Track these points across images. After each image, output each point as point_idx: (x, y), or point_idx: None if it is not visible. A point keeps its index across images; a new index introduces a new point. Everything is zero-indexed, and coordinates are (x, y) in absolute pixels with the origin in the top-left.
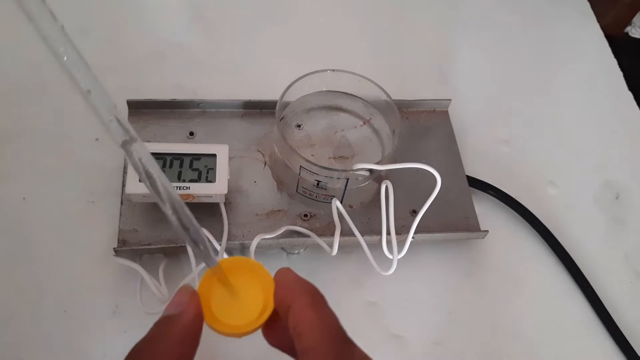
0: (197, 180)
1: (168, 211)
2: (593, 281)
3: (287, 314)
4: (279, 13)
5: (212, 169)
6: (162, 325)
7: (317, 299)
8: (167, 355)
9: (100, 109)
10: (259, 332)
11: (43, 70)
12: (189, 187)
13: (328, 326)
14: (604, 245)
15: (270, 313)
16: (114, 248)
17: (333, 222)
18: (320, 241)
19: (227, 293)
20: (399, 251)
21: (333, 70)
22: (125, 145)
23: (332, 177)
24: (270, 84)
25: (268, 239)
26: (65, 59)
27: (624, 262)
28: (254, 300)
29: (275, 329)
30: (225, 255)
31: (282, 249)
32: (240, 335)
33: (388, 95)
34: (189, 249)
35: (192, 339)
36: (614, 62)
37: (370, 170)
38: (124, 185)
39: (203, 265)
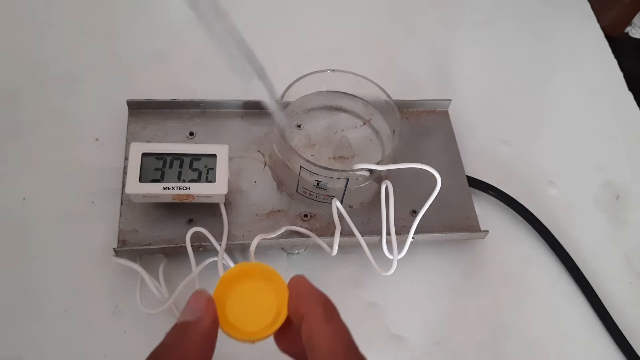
0: (197, 180)
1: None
2: (593, 281)
3: (300, 324)
4: (279, 13)
5: (212, 169)
6: (180, 332)
7: (330, 311)
8: None
9: None
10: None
11: (43, 70)
12: (189, 187)
13: (342, 341)
14: (604, 245)
15: (284, 320)
16: (114, 248)
17: (333, 222)
18: (320, 241)
19: (242, 299)
20: (399, 251)
21: (333, 70)
22: None
23: (332, 178)
24: None
25: (268, 239)
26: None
27: (624, 262)
28: (267, 306)
29: (287, 335)
30: (225, 256)
31: (282, 249)
32: (254, 341)
33: (388, 95)
34: (190, 251)
35: (209, 345)
36: (614, 62)
37: (370, 171)
38: (124, 185)
39: (203, 265)
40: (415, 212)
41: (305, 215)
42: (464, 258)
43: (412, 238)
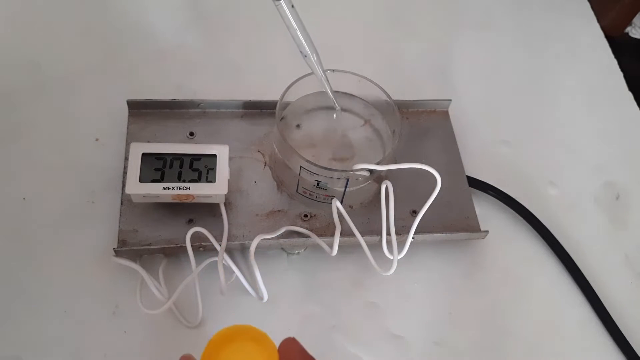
0: (197, 180)
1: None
2: (593, 281)
3: None
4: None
5: (212, 169)
6: None
7: None
8: None
9: None
10: None
11: (43, 70)
12: (189, 188)
13: None
14: (604, 246)
15: None
16: (114, 248)
17: (333, 222)
18: (320, 241)
19: None
20: (399, 251)
21: (333, 71)
22: None
23: (332, 178)
24: (270, 84)
25: (268, 239)
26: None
27: (624, 262)
28: None
29: None
30: (225, 256)
31: (282, 249)
32: None
33: (388, 96)
34: (190, 251)
35: None
36: (614, 62)
37: (371, 171)
38: (124, 186)
39: (203, 265)
40: (415, 212)
41: (305, 216)
42: (464, 258)
43: (412, 238)
